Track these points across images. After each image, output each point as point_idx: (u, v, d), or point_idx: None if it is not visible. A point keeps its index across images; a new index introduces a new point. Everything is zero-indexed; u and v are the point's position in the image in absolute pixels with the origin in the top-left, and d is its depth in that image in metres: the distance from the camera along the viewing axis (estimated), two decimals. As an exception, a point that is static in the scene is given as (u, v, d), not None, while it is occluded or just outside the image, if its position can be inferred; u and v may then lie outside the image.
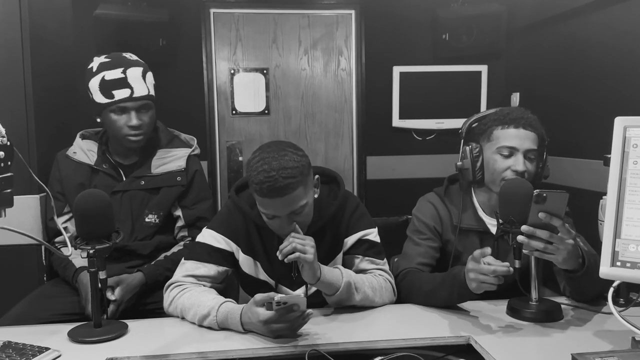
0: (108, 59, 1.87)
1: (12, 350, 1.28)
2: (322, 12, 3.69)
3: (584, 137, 2.62)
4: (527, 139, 1.65)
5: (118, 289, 1.74)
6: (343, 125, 3.77)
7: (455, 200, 1.78)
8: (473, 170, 1.71)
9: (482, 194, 1.76)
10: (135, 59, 1.91)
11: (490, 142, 1.70)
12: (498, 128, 1.68)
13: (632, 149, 1.17)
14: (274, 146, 1.49)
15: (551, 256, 1.37)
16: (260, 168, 1.42)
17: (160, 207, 1.95)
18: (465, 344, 1.39)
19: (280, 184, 1.40)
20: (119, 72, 1.83)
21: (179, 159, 1.99)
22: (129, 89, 1.83)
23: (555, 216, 1.32)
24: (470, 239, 1.75)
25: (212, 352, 1.32)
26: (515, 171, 1.63)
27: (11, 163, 1.11)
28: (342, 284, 1.51)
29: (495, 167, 1.67)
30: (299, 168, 1.44)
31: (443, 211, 1.78)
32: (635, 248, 1.17)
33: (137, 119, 1.86)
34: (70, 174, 1.91)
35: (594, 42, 2.66)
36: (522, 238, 1.36)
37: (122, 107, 1.84)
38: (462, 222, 1.74)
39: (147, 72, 1.91)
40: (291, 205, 1.46)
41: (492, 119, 1.72)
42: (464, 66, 3.65)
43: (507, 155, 1.65)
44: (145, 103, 1.88)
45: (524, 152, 1.64)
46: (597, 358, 1.11)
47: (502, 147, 1.66)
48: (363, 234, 1.67)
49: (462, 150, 1.74)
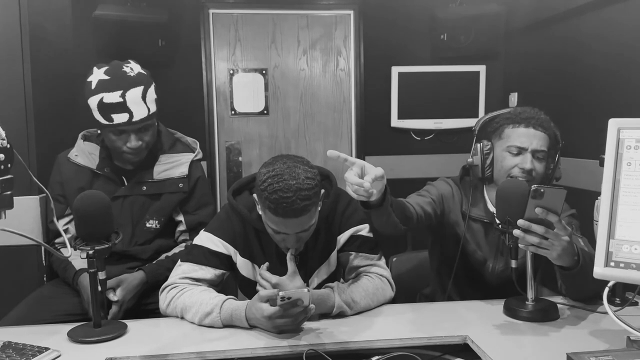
0: (107, 75, 1.78)
1: (12, 350, 1.29)
2: (321, 13, 3.70)
3: (581, 137, 2.63)
4: (536, 139, 1.68)
5: (119, 289, 1.74)
6: (342, 125, 3.78)
7: (468, 191, 1.82)
8: (482, 167, 1.75)
9: (492, 191, 1.78)
10: (136, 75, 1.82)
11: (501, 140, 1.74)
12: (509, 127, 1.73)
13: (625, 150, 1.18)
14: (288, 162, 1.46)
15: (546, 251, 1.37)
16: (277, 186, 1.40)
17: (161, 212, 1.95)
18: (462, 344, 1.39)
19: (297, 206, 1.40)
20: (118, 96, 1.76)
21: (182, 165, 1.97)
22: (128, 113, 1.78)
23: (552, 212, 1.33)
24: (477, 227, 1.79)
25: (211, 352, 1.33)
26: (522, 169, 1.67)
27: (11, 165, 1.11)
28: (334, 312, 1.52)
29: (504, 164, 1.71)
30: (314, 189, 1.44)
31: (457, 195, 1.82)
32: (629, 248, 1.18)
33: (137, 140, 1.82)
34: (71, 177, 1.91)
35: (591, 42, 2.67)
36: (517, 232, 1.37)
37: (121, 130, 1.81)
38: (471, 212, 1.78)
39: (148, 88, 1.83)
40: (303, 225, 1.47)
41: (505, 117, 1.77)
42: (463, 66, 3.65)
43: (515, 153, 1.69)
44: (145, 125, 1.84)
45: (532, 152, 1.68)
46: (592, 357, 1.12)
47: (511, 146, 1.70)
48: (355, 230, 1.68)
49: (474, 147, 1.77)
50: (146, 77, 1.86)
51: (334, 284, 1.57)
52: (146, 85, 1.83)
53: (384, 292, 1.64)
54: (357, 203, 1.73)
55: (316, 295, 1.49)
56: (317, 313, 1.50)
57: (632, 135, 1.17)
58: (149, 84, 1.85)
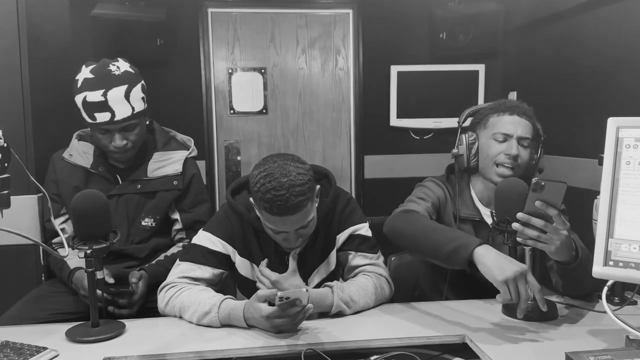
0: (92, 74, 1.78)
1: (10, 350, 1.28)
2: (320, 12, 3.70)
3: (579, 136, 2.63)
4: (521, 126, 1.70)
5: (141, 282, 1.77)
6: (341, 124, 3.78)
7: (455, 189, 1.81)
8: (468, 156, 1.75)
9: (479, 184, 1.79)
10: (121, 73, 1.80)
11: (486, 129, 1.76)
12: (494, 115, 1.75)
13: (624, 149, 1.17)
14: (279, 160, 1.46)
15: (544, 245, 1.37)
16: (269, 185, 1.40)
17: (157, 210, 1.94)
18: (461, 343, 1.39)
19: (292, 202, 1.40)
20: (99, 95, 1.75)
21: (176, 163, 1.97)
22: (110, 112, 1.77)
23: (552, 206, 1.32)
24: (466, 228, 1.77)
25: (209, 352, 1.33)
26: (508, 154, 1.67)
27: (8, 165, 1.11)
28: (332, 311, 1.52)
29: (489, 151, 1.71)
30: (307, 184, 1.44)
31: (446, 194, 1.82)
32: (628, 247, 1.18)
33: (121, 139, 1.82)
34: (65, 177, 1.91)
35: (590, 41, 2.67)
36: (516, 225, 1.36)
37: (104, 129, 1.81)
38: (460, 211, 1.77)
39: (133, 87, 1.81)
40: (301, 221, 1.47)
41: (489, 108, 1.79)
42: (461, 65, 3.66)
43: (501, 140, 1.70)
44: (129, 124, 1.82)
45: (517, 138, 1.69)
46: (590, 357, 1.12)
47: (497, 133, 1.71)
48: (354, 229, 1.68)
49: (459, 138, 1.78)
50: (132, 75, 1.84)
51: (333, 283, 1.56)
52: (131, 84, 1.81)
53: (383, 291, 1.64)
54: (356, 202, 1.73)
55: (315, 294, 1.49)
56: (316, 312, 1.50)
57: (631, 134, 1.16)
58: (135, 82, 1.83)
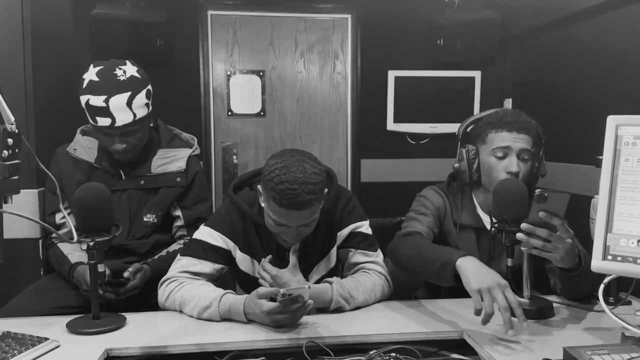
0: (98, 77, 1.78)
1: (12, 339, 1.28)
2: (319, 16, 3.72)
3: (575, 143, 2.66)
4: (520, 141, 1.69)
5: (139, 275, 1.78)
6: (338, 128, 3.80)
7: (456, 198, 1.83)
8: (470, 172, 1.75)
9: (480, 194, 1.81)
10: (127, 79, 1.80)
11: (485, 144, 1.75)
12: (492, 131, 1.73)
13: (624, 146, 1.21)
14: (297, 155, 1.48)
15: (549, 254, 1.39)
16: (284, 177, 1.41)
17: (159, 207, 1.95)
18: (459, 339, 1.41)
19: (302, 199, 1.41)
20: (101, 101, 1.76)
21: (180, 160, 1.99)
22: (110, 118, 1.78)
23: (555, 216, 1.34)
24: (468, 235, 1.79)
25: (210, 344, 1.33)
26: (509, 172, 1.67)
27: (19, 151, 1.12)
28: (331, 307, 1.53)
29: (491, 169, 1.71)
30: (319, 184, 1.45)
31: (447, 203, 1.83)
32: (626, 242, 1.20)
33: (120, 143, 1.83)
34: (69, 171, 1.91)
35: (586, 49, 2.70)
36: (521, 236, 1.37)
37: (105, 132, 1.83)
38: (461, 219, 1.79)
39: (137, 94, 1.80)
40: (305, 219, 1.49)
41: (487, 122, 1.76)
42: (458, 72, 3.69)
43: (501, 156, 1.69)
44: (129, 130, 1.83)
45: (517, 153, 1.69)
46: (588, 351, 1.14)
47: (496, 148, 1.70)
48: (355, 226, 1.70)
49: (459, 152, 1.78)
50: (138, 81, 1.83)
51: (333, 279, 1.57)
52: (135, 90, 1.80)
53: (382, 288, 1.65)
54: (357, 200, 1.75)
55: (314, 290, 1.50)
56: (315, 307, 1.51)
57: (630, 132, 1.20)
58: (140, 88, 1.82)
